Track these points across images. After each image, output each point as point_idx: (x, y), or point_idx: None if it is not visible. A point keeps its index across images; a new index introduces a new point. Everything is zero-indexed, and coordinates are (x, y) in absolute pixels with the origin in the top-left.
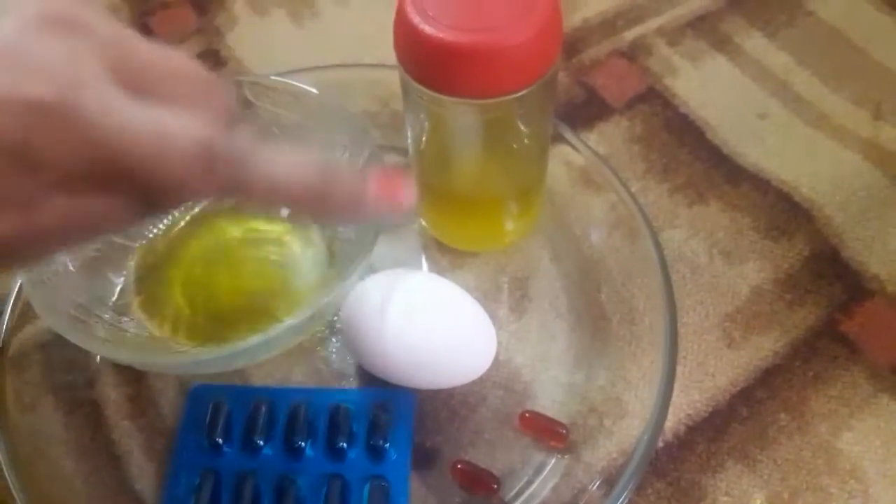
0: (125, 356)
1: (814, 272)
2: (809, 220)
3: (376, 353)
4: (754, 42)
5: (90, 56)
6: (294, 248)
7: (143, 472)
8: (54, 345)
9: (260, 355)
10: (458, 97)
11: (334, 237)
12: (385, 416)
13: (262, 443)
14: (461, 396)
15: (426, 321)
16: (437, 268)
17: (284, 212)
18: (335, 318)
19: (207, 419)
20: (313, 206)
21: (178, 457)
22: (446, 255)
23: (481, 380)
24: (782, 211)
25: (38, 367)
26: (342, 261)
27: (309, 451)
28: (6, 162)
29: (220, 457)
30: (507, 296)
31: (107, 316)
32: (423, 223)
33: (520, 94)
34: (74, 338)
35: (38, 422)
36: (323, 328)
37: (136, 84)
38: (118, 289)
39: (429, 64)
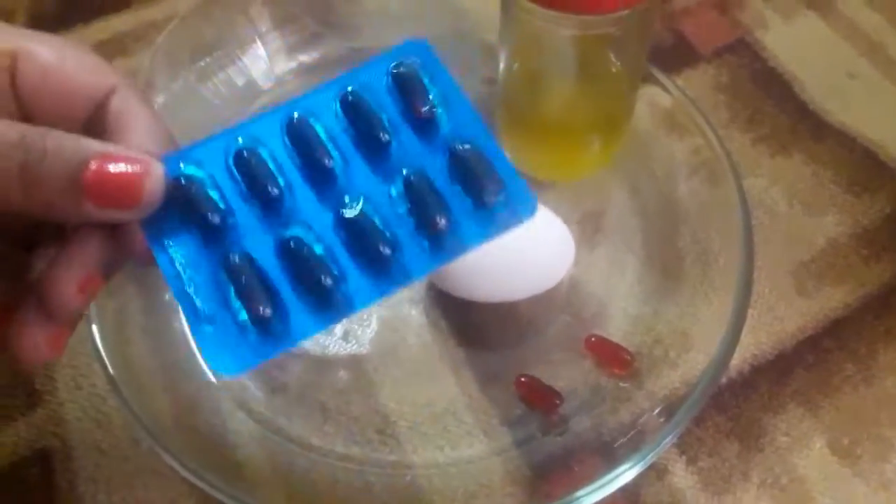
0: None
1: (893, 231)
2: (894, 179)
3: (454, 269)
4: (849, 1)
5: None
6: None
7: None
8: None
9: None
10: (560, 10)
11: None
12: (414, 77)
13: (276, 192)
14: (528, 316)
15: None
16: None
17: None
18: None
19: (185, 211)
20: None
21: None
22: None
23: (549, 303)
24: (866, 168)
25: None
26: None
27: (339, 169)
28: None
29: (234, 235)
30: (580, 227)
31: None
32: (505, 152)
33: (620, 14)
34: None
35: (119, 306)
36: None
37: None
38: None
39: None
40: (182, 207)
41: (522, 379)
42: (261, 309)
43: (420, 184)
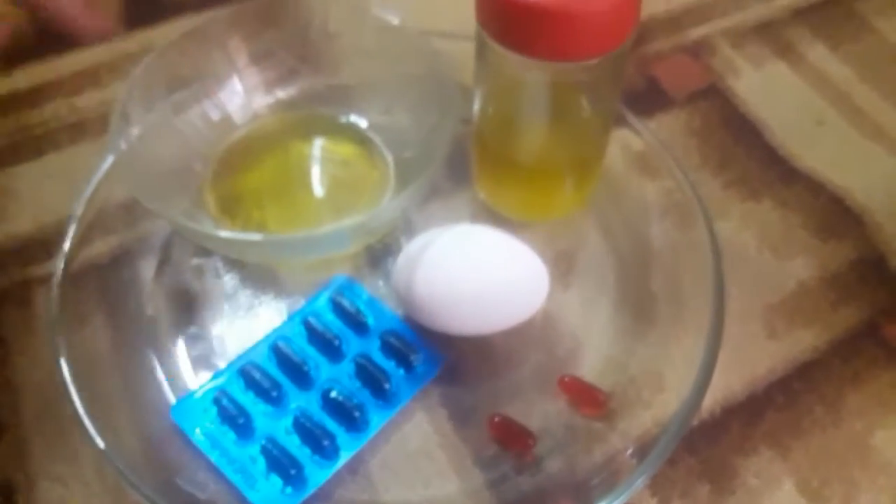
0: (194, 228)
1: (860, 276)
2: (860, 225)
3: (427, 303)
4: (817, 53)
5: None
6: (361, 170)
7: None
8: (110, 268)
9: (311, 252)
10: (533, 57)
11: (400, 160)
12: (346, 300)
13: (276, 394)
14: (502, 356)
15: (474, 265)
16: None
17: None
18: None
19: (219, 420)
20: None
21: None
22: (497, 225)
23: (523, 341)
24: (833, 214)
25: (93, 287)
26: (407, 183)
27: (312, 372)
28: None
29: (255, 427)
30: (553, 267)
31: (185, 203)
32: (479, 192)
33: (592, 62)
34: (155, 205)
35: (89, 336)
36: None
37: None
38: (199, 181)
39: (510, 23)
40: (220, 414)
41: (496, 419)
42: (291, 472)
43: (366, 363)
